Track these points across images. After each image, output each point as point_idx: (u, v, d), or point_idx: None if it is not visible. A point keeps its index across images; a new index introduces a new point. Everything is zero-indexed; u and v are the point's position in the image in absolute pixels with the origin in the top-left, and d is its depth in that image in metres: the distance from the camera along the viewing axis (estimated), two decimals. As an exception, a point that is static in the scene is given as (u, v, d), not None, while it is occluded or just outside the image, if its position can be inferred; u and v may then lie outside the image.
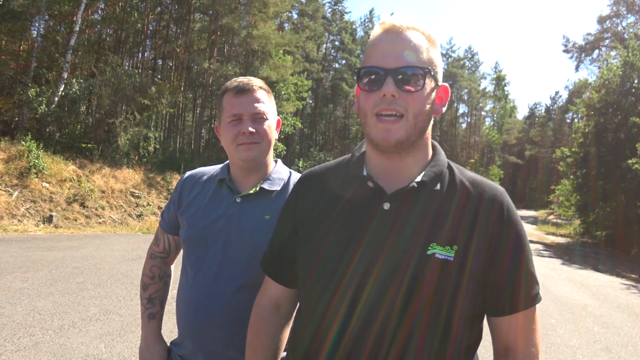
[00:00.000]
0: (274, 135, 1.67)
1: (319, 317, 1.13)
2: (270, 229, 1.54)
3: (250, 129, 1.57)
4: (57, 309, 5.43)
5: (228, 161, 1.73)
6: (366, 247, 1.09)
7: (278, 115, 1.75)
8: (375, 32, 1.14)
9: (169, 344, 1.78)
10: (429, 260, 1.05)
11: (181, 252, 1.84)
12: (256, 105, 1.59)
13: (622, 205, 20.02)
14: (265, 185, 1.64)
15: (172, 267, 1.94)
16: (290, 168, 1.78)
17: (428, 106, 1.10)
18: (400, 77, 1.05)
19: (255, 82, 1.63)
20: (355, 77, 1.14)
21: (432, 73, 1.09)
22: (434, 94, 1.12)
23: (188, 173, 1.81)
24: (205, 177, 1.75)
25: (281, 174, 1.70)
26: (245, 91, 1.59)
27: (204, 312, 1.54)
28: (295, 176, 1.71)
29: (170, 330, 1.78)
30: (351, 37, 50.76)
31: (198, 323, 1.55)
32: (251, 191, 1.62)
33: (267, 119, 1.62)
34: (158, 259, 1.86)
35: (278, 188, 1.65)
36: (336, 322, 1.09)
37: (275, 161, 1.76)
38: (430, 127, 1.16)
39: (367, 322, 1.06)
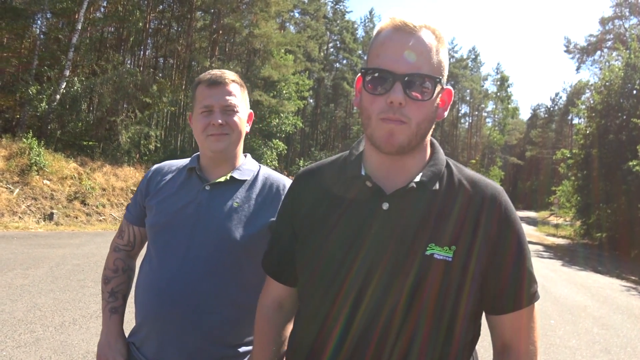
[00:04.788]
0: (244, 127, 1.69)
1: (322, 318, 1.12)
2: (238, 216, 1.57)
3: (220, 120, 1.59)
4: (58, 306, 5.44)
5: (198, 152, 1.75)
6: (367, 248, 1.08)
7: (250, 108, 1.76)
8: (383, 26, 1.08)
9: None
10: (428, 260, 1.05)
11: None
12: (227, 97, 1.61)
13: (623, 207, 19.99)
14: (236, 175, 1.65)
15: (136, 262, 1.91)
16: (290, 167, 1.79)
17: (432, 113, 1.08)
18: (409, 83, 1.02)
19: (229, 75, 1.65)
20: (360, 75, 1.10)
21: (442, 80, 1.06)
22: (438, 99, 1.09)
23: (156, 165, 1.83)
24: (174, 167, 1.77)
25: (251, 166, 1.72)
26: (217, 84, 1.61)
27: (168, 298, 1.53)
28: (264, 170, 1.74)
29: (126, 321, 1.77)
30: (352, 37, 50.74)
31: (161, 309, 1.54)
32: (221, 179, 1.64)
33: (237, 112, 1.63)
34: (122, 252, 1.84)
35: (248, 178, 1.67)
36: (339, 323, 1.09)
37: (245, 155, 1.77)
38: (431, 131, 1.14)
39: (369, 323, 1.06)
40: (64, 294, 5.98)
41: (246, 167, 1.71)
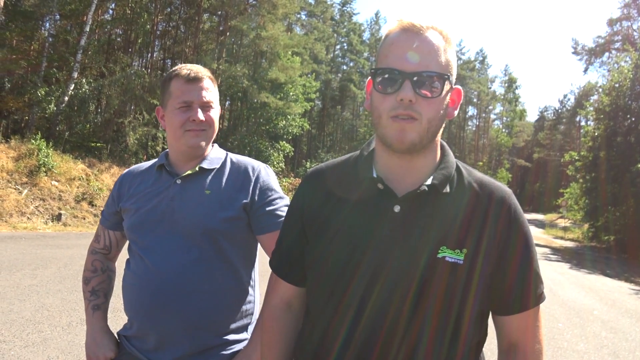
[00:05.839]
0: (218, 123, 1.71)
1: (328, 319, 1.13)
2: (211, 203, 1.59)
3: (201, 116, 1.60)
4: (66, 306, 5.47)
5: (166, 150, 1.76)
6: (375, 249, 1.08)
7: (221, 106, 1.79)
8: (391, 28, 1.10)
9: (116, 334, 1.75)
10: (439, 263, 1.05)
11: (124, 246, 1.85)
12: (205, 93, 1.63)
13: (632, 210, 19.87)
14: (205, 165, 1.67)
15: (114, 264, 1.92)
16: (297, 168, 1.79)
17: (442, 111, 1.09)
18: (418, 81, 1.04)
19: (204, 71, 1.66)
20: (370, 76, 1.12)
21: (450, 78, 1.08)
22: (448, 97, 1.10)
23: (126, 170, 1.85)
24: (143, 169, 1.79)
25: (218, 154, 1.74)
26: (196, 79, 1.62)
27: (155, 292, 1.54)
28: (232, 156, 1.75)
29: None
30: (359, 39, 50.75)
31: (149, 304, 1.55)
32: (190, 171, 1.65)
33: (214, 108, 1.66)
34: (99, 254, 1.88)
35: (217, 166, 1.69)
36: (345, 324, 1.09)
37: (212, 145, 1.78)
38: (441, 130, 1.15)
39: (375, 324, 1.07)
40: (71, 294, 6.01)
41: (214, 156, 1.72)
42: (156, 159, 1.78)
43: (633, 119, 20.98)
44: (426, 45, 1.05)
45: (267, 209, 1.62)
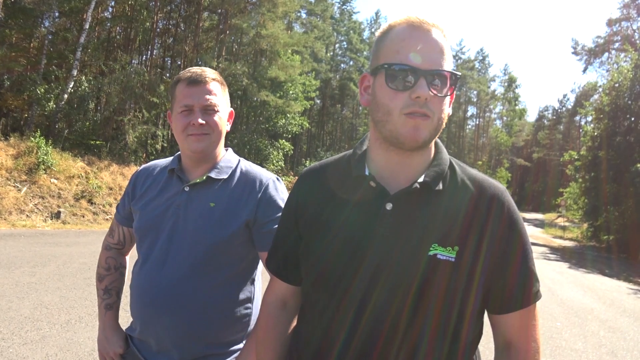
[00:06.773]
0: (224, 127, 1.68)
1: (328, 320, 1.13)
2: (214, 216, 1.58)
3: (201, 120, 1.57)
4: (64, 304, 5.48)
5: (179, 152, 1.74)
6: (372, 249, 1.08)
7: (231, 107, 1.76)
8: (397, 23, 1.09)
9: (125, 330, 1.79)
10: (432, 261, 1.05)
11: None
12: (208, 97, 1.59)
13: (631, 209, 19.89)
14: (213, 174, 1.64)
15: (127, 258, 1.94)
16: (297, 167, 1.78)
17: (447, 109, 1.09)
18: (432, 79, 1.03)
19: (209, 73, 1.63)
20: (379, 70, 1.08)
21: (458, 77, 1.08)
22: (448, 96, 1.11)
23: (142, 166, 1.84)
24: (158, 169, 1.77)
25: (230, 162, 1.70)
26: (198, 82, 1.59)
27: (149, 300, 1.55)
28: (243, 165, 1.72)
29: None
30: (359, 38, 50.68)
31: (144, 311, 1.57)
32: (198, 180, 1.63)
33: (217, 111, 1.62)
34: (113, 250, 1.88)
35: (225, 176, 1.65)
36: (345, 325, 1.09)
37: (226, 150, 1.76)
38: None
39: (376, 324, 1.06)
40: (70, 292, 6.02)
41: (224, 164, 1.69)
42: (171, 158, 1.77)
43: (633, 119, 21.00)
44: (437, 44, 1.05)
45: (271, 227, 1.58)
